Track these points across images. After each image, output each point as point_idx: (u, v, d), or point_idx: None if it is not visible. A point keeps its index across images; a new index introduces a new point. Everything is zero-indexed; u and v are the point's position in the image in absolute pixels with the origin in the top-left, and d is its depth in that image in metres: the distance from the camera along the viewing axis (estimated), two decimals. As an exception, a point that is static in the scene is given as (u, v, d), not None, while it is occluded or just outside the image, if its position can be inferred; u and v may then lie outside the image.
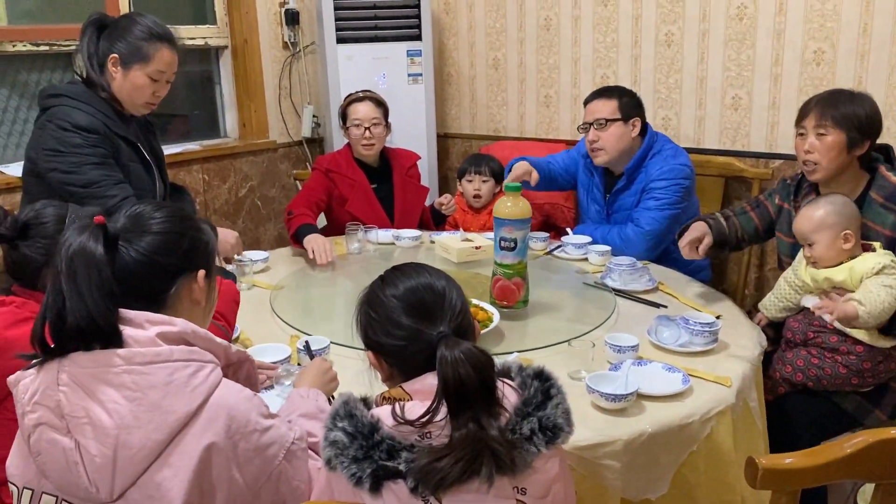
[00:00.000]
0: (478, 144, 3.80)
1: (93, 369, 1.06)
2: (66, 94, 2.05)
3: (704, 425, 1.48)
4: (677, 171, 2.47)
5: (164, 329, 1.09)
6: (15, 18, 2.86)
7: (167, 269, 1.15)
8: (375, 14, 3.53)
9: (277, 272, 2.38)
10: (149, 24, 2.07)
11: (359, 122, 2.76)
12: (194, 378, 1.07)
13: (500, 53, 3.67)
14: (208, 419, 1.06)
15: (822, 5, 2.76)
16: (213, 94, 3.69)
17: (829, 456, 1.03)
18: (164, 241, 1.14)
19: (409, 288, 1.15)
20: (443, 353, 1.05)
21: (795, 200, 2.11)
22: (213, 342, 1.15)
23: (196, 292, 1.19)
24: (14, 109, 2.92)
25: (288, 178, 3.83)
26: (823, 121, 1.95)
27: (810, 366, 1.88)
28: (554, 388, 1.12)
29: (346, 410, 1.06)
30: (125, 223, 1.14)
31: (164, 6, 3.42)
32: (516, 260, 1.92)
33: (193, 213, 2.42)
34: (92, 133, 2.01)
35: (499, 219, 1.90)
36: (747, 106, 3.00)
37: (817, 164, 1.97)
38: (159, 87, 2.13)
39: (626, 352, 1.65)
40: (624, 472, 1.39)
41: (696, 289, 2.19)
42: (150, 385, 1.05)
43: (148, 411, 1.04)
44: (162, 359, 1.06)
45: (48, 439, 1.08)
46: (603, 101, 2.53)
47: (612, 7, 3.25)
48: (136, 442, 1.04)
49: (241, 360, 1.23)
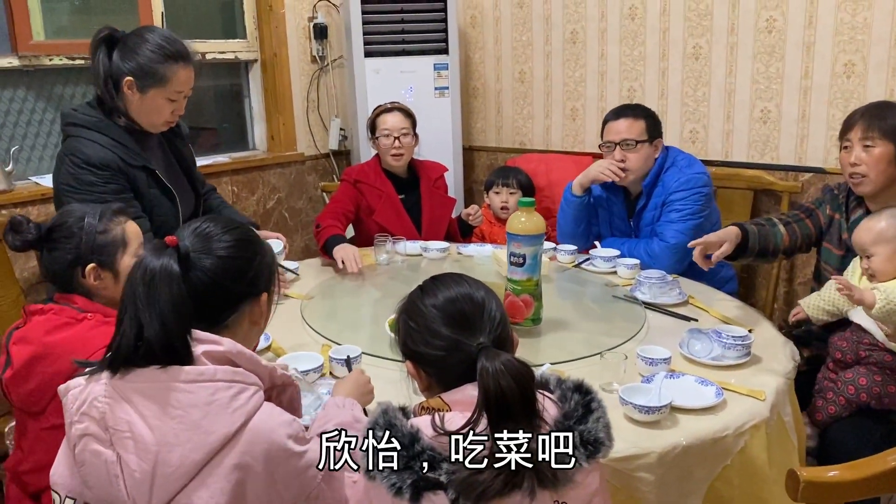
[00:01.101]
0: (503, 157, 3.82)
1: (138, 384, 1.07)
2: (82, 125, 2.02)
3: (738, 439, 1.46)
4: (695, 181, 2.46)
5: (210, 348, 1.09)
6: (51, 33, 2.92)
7: (232, 294, 1.16)
8: (403, 28, 3.57)
9: (307, 282, 2.40)
10: (161, 42, 2.01)
11: (388, 132, 2.79)
12: (236, 400, 1.07)
13: (527, 67, 3.69)
14: (247, 442, 1.06)
15: (852, 18, 2.74)
16: (243, 107, 3.74)
17: (873, 469, 1.01)
18: (232, 266, 1.15)
19: (448, 298, 1.15)
20: (483, 364, 1.05)
21: (847, 212, 2.09)
22: (258, 364, 1.14)
23: (256, 315, 1.20)
24: (50, 122, 2.98)
25: (315, 189, 3.87)
26: (870, 132, 1.93)
27: (874, 384, 1.84)
28: (594, 402, 1.11)
29: (385, 420, 1.06)
30: (195, 243, 1.14)
31: (195, 21, 3.48)
32: (525, 276, 1.88)
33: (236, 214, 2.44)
34: (104, 169, 1.99)
35: (510, 233, 1.88)
36: (776, 119, 2.99)
37: (865, 177, 1.95)
38: (177, 106, 2.10)
39: (658, 364, 1.64)
40: (657, 485, 1.38)
41: (727, 302, 2.18)
42: (192, 404, 1.05)
43: (188, 430, 1.04)
44: (205, 378, 1.06)
45: (92, 450, 1.09)
46: (630, 122, 2.49)
47: (639, 21, 3.26)
48: (174, 460, 1.04)
49: (285, 384, 1.22)
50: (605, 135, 2.55)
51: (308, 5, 3.71)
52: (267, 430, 1.07)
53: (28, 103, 2.92)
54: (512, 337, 1.19)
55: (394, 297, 2.07)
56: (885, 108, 1.98)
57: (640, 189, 2.54)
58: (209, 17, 3.58)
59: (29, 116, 2.93)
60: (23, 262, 2.70)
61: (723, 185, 3.05)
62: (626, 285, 2.28)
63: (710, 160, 3.13)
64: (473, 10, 3.80)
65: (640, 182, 2.54)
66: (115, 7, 3.17)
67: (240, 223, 1.25)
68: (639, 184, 2.54)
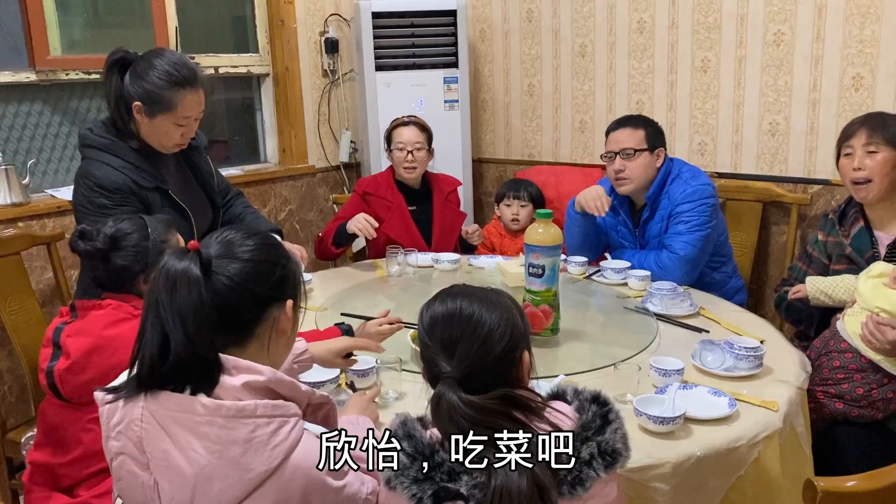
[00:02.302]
0: (512, 169, 3.84)
1: (176, 413, 1.05)
2: (95, 146, 2.06)
3: (752, 449, 1.47)
4: (701, 192, 2.47)
5: (251, 378, 1.07)
6: (67, 48, 2.97)
7: (258, 298, 1.14)
8: (413, 42, 3.61)
9: (320, 294, 2.43)
10: (168, 68, 2.01)
11: (402, 146, 2.82)
12: (276, 436, 1.05)
13: (535, 80, 3.72)
14: (286, 480, 1.04)
15: (860, 31, 2.77)
16: (255, 120, 3.78)
17: (892, 479, 1.02)
18: (256, 270, 1.13)
19: (442, 312, 1.16)
20: (439, 389, 1.09)
21: (842, 228, 2.11)
22: (297, 390, 1.13)
23: (283, 322, 1.18)
24: (66, 135, 3.02)
25: (326, 201, 3.90)
26: (874, 138, 1.98)
27: (859, 396, 1.85)
28: (612, 413, 1.13)
29: (404, 431, 1.07)
30: (217, 249, 1.13)
31: (208, 35, 3.53)
32: (544, 287, 1.91)
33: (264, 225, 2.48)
34: (116, 193, 2.02)
35: (528, 245, 1.90)
36: (785, 131, 3.01)
37: (870, 181, 1.98)
38: (187, 129, 2.11)
39: (671, 375, 1.66)
40: (672, 495, 1.39)
41: (738, 313, 2.19)
42: (232, 440, 1.03)
43: (227, 466, 1.03)
44: (246, 414, 1.04)
45: (129, 470, 1.09)
46: (629, 131, 2.53)
47: (647, 34, 3.29)
48: (213, 493, 1.03)
49: (322, 405, 1.22)
50: (607, 145, 2.59)
51: (319, 20, 3.75)
52: (305, 467, 1.06)
53: (44, 117, 2.96)
54: (522, 359, 1.17)
55: (407, 308, 2.11)
56: (886, 117, 2.04)
57: (644, 201, 2.56)
58: (222, 32, 3.63)
59: (45, 130, 2.97)
60: (38, 274, 2.73)
61: (732, 198, 3.07)
62: (638, 297, 2.30)
63: (720, 172, 3.15)
64: (483, 24, 3.84)
65: (643, 192, 2.56)
66: (130, 21, 3.21)
67: (260, 231, 1.25)
68: (642, 194, 2.56)
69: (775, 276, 3.07)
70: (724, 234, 2.63)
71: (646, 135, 2.52)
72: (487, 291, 1.20)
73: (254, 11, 3.62)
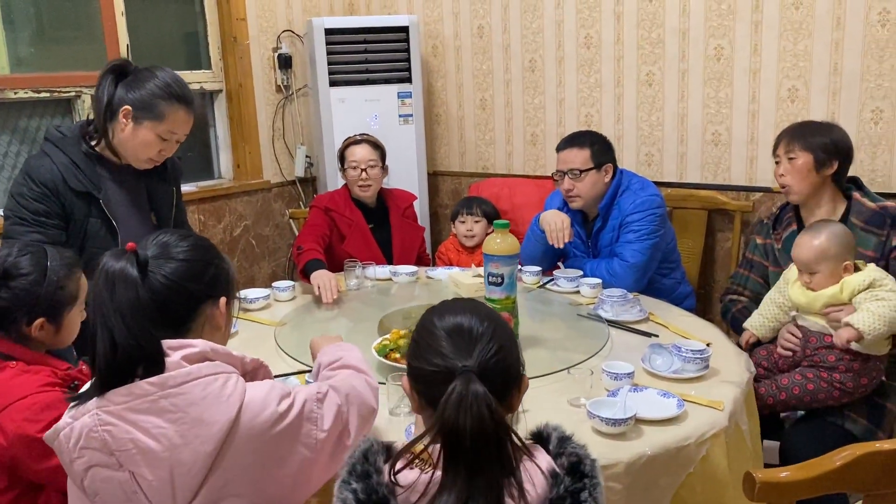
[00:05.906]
0: (467, 182, 3.90)
1: (129, 402, 1.11)
2: (50, 140, 2.05)
3: (700, 447, 1.54)
4: (649, 203, 2.57)
5: (186, 352, 1.16)
6: (15, 66, 2.93)
7: (193, 295, 1.23)
8: (366, 58, 3.65)
9: (279, 309, 2.44)
10: (168, 81, 2.02)
11: (356, 164, 2.85)
12: (225, 388, 1.14)
13: (488, 94, 3.79)
14: (248, 419, 1.13)
15: (794, 46, 2.90)
16: (208, 136, 3.77)
17: (821, 469, 1.09)
18: (190, 268, 1.22)
19: (452, 322, 1.10)
20: (455, 386, 0.99)
21: (776, 232, 2.25)
22: (230, 356, 1.22)
23: (217, 318, 1.27)
24: (15, 155, 2.98)
25: (282, 216, 3.90)
26: (792, 146, 2.18)
27: (818, 380, 1.95)
28: (585, 492, 1.02)
29: (363, 469, 1.00)
30: (154, 250, 1.21)
31: (160, 52, 3.51)
32: (504, 295, 1.97)
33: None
34: (39, 187, 1.99)
35: (487, 255, 1.97)
36: (727, 141, 3.13)
37: (790, 186, 2.18)
38: (167, 147, 2.08)
39: (622, 379, 1.72)
40: (625, 494, 1.45)
41: (686, 318, 2.27)
42: (189, 403, 1.11)
43: (192, 427, 1.10)
44: (193, 377, 1.13)
45: (102, 478, 1.12)
46: (576, 151, 2.60)
47: (594, 49, 3.39)
48: (187, 458, 1.09)
49: (255, 368, 1.29)
50: (557, 164, 2.66)
51: (272, 36, 3.77)
52: (260, 402, 1.15)
53: (-8, 136, 2.92)
54: (519, 378, 1.13)
55: (367, 322, 2.14)
56: (805, 126, 2.23)
57: (597, 212, 2.65)
58: (173, 49, 3.62)
59: (-7, 149, 2.93)
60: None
61: (678, 206, 3.18)
62: (590, 304, 2.36)
63: (666, 182, 3.26)
64: (435, 40, 3.90)
65: (595, 205, 2.64)
66: (80, 36, 3.19)
67: (194, 233, 1.34)
68: (594, 207, 2.65)
69: (721, 280, 3.19)
70: (672, 241, 2.73)
71: (591, 153, 2.60)
72: (479, 305, 1.16)
73: (206, 28, 3.62)
